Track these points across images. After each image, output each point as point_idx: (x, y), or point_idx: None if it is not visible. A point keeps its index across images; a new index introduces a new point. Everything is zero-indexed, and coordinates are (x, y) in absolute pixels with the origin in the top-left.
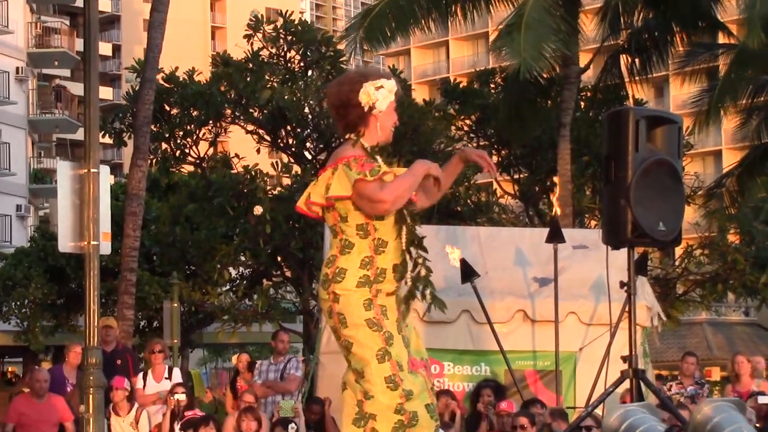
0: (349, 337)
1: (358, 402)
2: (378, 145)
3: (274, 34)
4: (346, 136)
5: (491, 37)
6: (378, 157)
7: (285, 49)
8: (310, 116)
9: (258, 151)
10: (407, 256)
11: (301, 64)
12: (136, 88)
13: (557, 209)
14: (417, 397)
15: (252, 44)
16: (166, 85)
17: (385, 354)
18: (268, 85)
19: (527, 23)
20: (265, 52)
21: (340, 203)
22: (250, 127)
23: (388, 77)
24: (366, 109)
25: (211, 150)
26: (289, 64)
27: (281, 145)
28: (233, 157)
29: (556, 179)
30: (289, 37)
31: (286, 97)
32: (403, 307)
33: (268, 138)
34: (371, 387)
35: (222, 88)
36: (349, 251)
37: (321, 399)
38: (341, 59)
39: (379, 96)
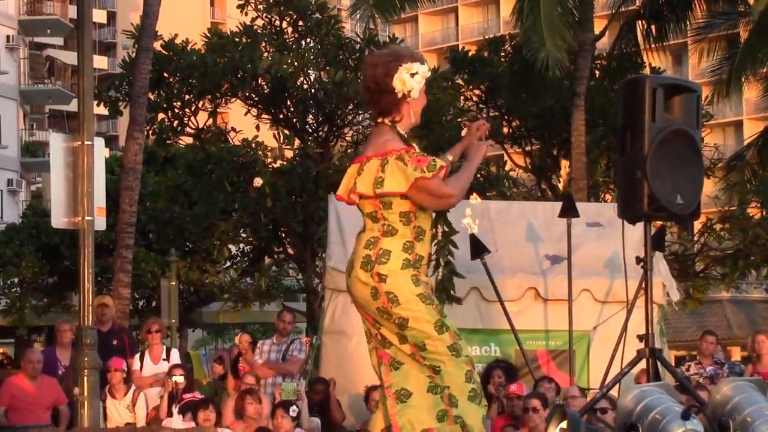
0: (403, 314)
1: (428, 377)
2: (411, 131)
3: (266, 2)
4: (379, 120)
5: (502, 3)
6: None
7: (279, 19)
8: (311, 90)
9: (257, 128)
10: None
11: (295, 34)
12: (133, 55)
13: (563, 185)
14: (474, 370)
15: (246, 14)
16: (165, 52)
17: (442, 325)
18: (265, 55)
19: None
20: (259, 22)
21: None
22: (249, 103)
23: (421, 60)
24: (399, 96)
25: (210, 122)
26: (284, 35)
27: (281, 118)
28: (230, 131)
29: (565, 166)
30: (281, 6)
31: (284, 66)
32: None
33: (267, 115)
34: (438, 357)
35: (218, 60)
36: (392, 235)
37: (325, 379)
38: (338, 25)
39: (414, 84)
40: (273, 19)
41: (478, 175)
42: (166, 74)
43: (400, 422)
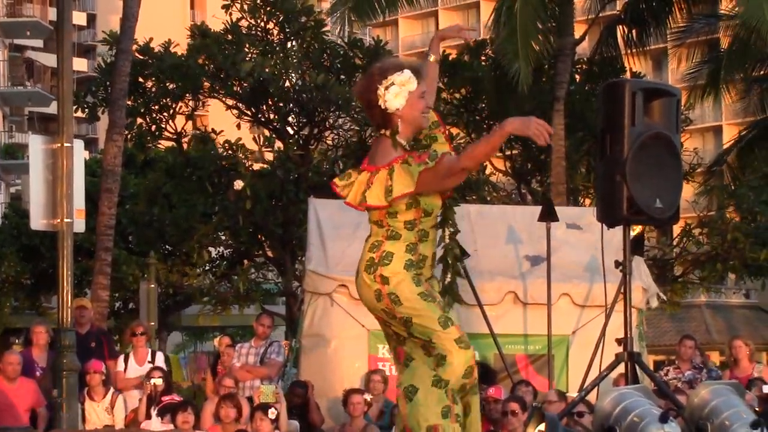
0: (406, 312)
1: (432, 370)
2: (412, 137)
3: (252, 4)
4: (381, 132)
5: (482, 8)
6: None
7: (264, 20)
8: (291, 90)
9: (238, 126)
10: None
11: (281, 36)
12: (108, 61)
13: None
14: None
15: (231, 15)
16: (141, 57)
17: (446, 320)
18: (248, 57)
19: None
20: (244, 23)
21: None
22: (230, 102)
23: (400, 69)
24: (384, 109)
25: (189, 124)
26: (268, 36)
27: (262, 120)
28: (211, 132)
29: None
30: (268, 8)
31: (267, 69)
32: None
33: (248, 113)
34: (444, 346)
35: (200, 61)
36: (395, 239)
37: (304, 382)
38: (323, 29)
39: (389, 96)
40: (258, 21)
41: None
42: (141, 79)
43: (409, 424)
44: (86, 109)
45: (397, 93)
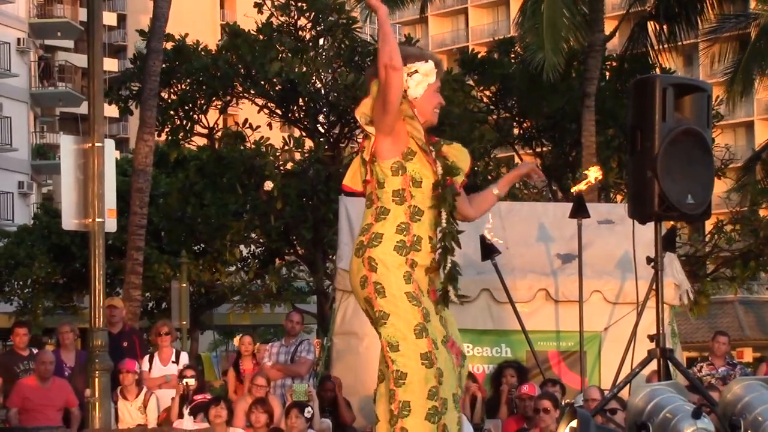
0: (385, 309)
1: (389, 392)
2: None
3: (283, 1)
4: None
5: (512, 5)
6: None
7: (296, 18)
8: (322, 89)
9: (270, 126)
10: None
11: (312, 33)
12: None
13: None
14: (446, 382)
15: (262, 13)
16: (173, 55)
17: (423, 330)
18: (278, 57)
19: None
20: (275, 21)
21: (377, 167)
22: (260, 101)
23: (425, 59)
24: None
25: (221, 120)
26: (299, 33)
27: (293, 119)
28: (247, 128)
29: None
30: (300, 4)
31: (296, 69)
32: (441, 305)
33: (279, 112)
34: (406, 362)
35: (231, 59)
36: (384, 217)
37: (333, 377)
38: (354, 26)
39: (411, 83)
40: (290, 19)
41: (489, 177)
42: (174, 80)
43: None
44: (119, 103)
45: (419, 81)
